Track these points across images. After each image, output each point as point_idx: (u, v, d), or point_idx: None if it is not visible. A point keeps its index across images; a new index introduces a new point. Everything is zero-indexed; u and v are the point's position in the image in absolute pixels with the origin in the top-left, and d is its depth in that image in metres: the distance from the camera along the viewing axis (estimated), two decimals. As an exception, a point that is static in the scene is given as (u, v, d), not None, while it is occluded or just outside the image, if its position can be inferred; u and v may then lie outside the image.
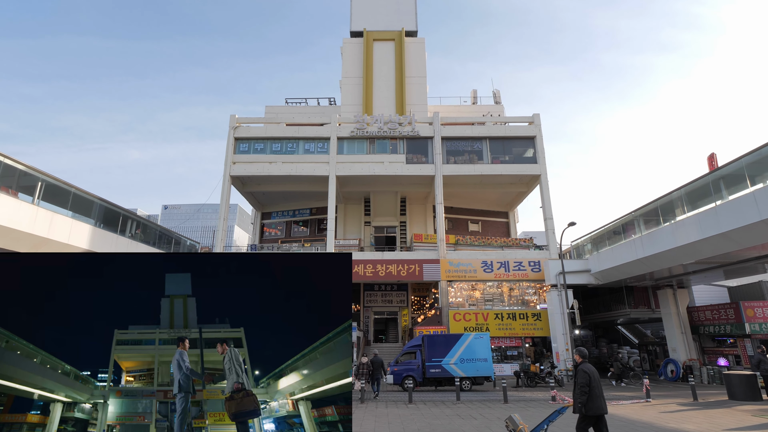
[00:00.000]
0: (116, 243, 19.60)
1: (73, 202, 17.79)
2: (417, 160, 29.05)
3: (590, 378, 6.03)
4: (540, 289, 27.00)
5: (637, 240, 20.64)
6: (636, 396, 15.09)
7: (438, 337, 20.25)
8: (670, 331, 24.59)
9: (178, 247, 26.29)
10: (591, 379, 6.04)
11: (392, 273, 26.56)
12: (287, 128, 29.69)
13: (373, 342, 31.45)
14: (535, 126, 29.57)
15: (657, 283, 25.48)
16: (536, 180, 29.16)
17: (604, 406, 5.99)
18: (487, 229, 34.73)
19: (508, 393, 16.54)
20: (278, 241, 34.20)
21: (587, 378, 6.02)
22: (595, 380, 6.08)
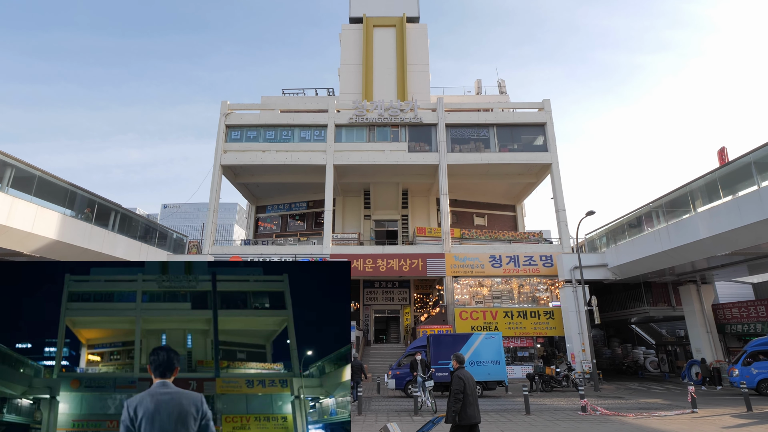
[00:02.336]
0: (90, 234, 17.82)
1: (39, 187, 16.02)
2: (420, 149, 27.25)
3: (465, 385, 5.75)
4: (552, 286, 25.20)
5: (662, 230, 18.84)
6: (677, 405, 13.30)
7: (445, 337, 18.46)
8: (693, 330, 22.77)
9: (164, 241, 24.52)
10: (466, 386, 5.75)
11: (393, 268, 24.76)
12: (282, 115, 27.90)
13: (373, 342, 29.65)
14: (545, 112, 27.76)
15: (679, 278, 23.69)
16: (546, 169, 27.35)
17: (477, 415, 5.75)
18: (493, 224, 32.92)
19: (522, 400, 14.73)
20: (273, 235, 32.41)
21: (462, 385, 5.72)
22: (470, 387, 5.81)
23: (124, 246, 19.81)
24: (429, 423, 5.98)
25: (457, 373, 5.95)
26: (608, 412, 11.13)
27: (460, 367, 6.07)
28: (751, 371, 16.51)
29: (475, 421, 5.69)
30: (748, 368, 16.67)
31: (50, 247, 16.30)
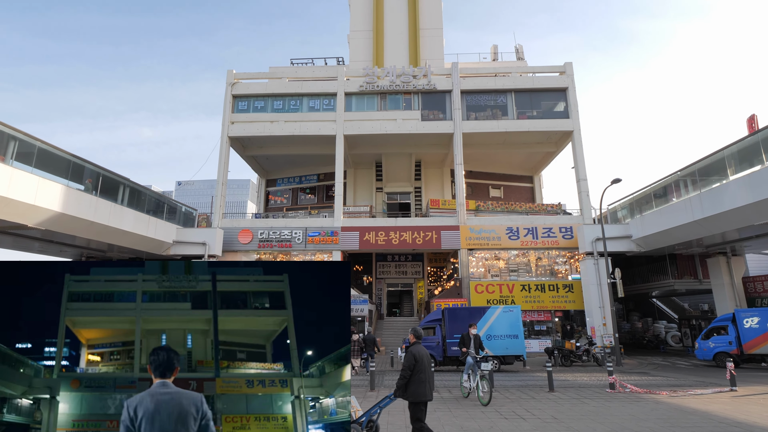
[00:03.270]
0: (96, 207, 17.37)
1: (39, 159, 15.49)
2: (434, 117, 26.06)
3: (417, 361, 5.60)
4: (571, 258, 24.28)
5: (693, 199, 17.65)
6: (710, 382, 12.56)
7: (461, 311, 17.84)
8: (721, 304, 21.77)
9: (174, 215, 24.10)
10: (418, 363, 5.60)
11: (407, 241, 24.06)
12: (290, 84, 26.82)
13: (386, 316, 29.32)
14: (567, 76, 26.18)
15: (707, 250, 22.55)
16: (567, 137, 26.00)
17: (429, 393, 5.61)
18: (509, 195, 31.79)
19: (542, 375, 14.12)
20: (284, 209, 31.87)
21: (413, 361, 5.60)
22: (423, 364, 5.63)
23: (131, 219, 19.39)
24: (387, 398, 6.08)
25: (411, 348, 5.78)
26: (639, 390, 10.42)
27: (416, 343, 5.91)
28: (709, 345, 18.07)
29: (424, 398, 5.55)
30: (706, 342, 18.21)
31: (55, 220, 15.89)
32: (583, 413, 8.12)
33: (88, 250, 23.10)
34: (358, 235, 24.20)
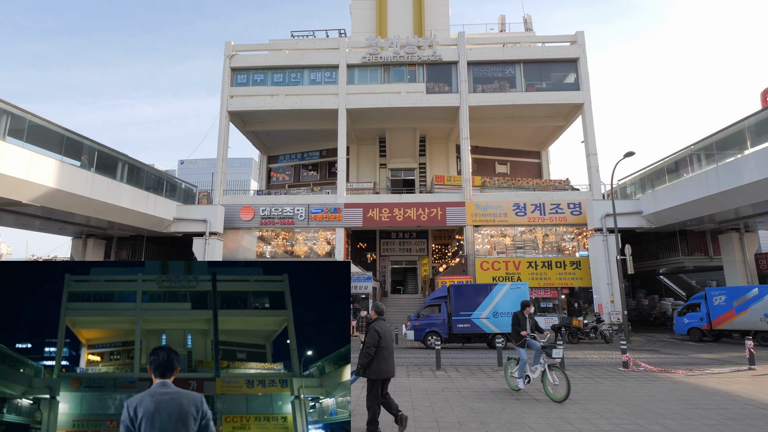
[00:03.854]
0: (92, 183, 16.93)
1: (31, 132, 14.98)
2: (439, 90, 25.19)
3: (380, 338, 5.43)
4: (579, 235, 23.79)
5: (709, 172, 17.01)
6: (726, 360, 12.23)
7: (467, 288, 17.51)
8: (733, 281, 21.36)
9: (173, 192, 23.67)
10: (381, 339, 5.43)
11: (411, 218, 23.60)
12: (290, 57, 25.90)
13: (390, 293, 29.14)
14: (578, 46, 25.12)
15: (720, 226, 21.99)
16: (577, 110, 25.15)
17: (392, 369, 5.49)
18: (516, 171, 31.09)
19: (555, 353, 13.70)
20: (286, 186, 31.37)
21: (376, 338, 5.39)
22: (386, 341, 5.49)
23: (130, 196, 18.97)
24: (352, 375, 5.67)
25: (373, 324, 5.58)
26: (653, 368, 10.08)
27: (378, 319, 5.73)
28: (684, 321, 19.48)
29: (388, 375, 5.43)
30: (682, 318, 19.61)
31: (50, 196, 15.49)
32: (599, 394, 7.78)
33: (89, 228, 22.81)
34: (362, 212, 23.74)
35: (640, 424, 5.81)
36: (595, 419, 6.09)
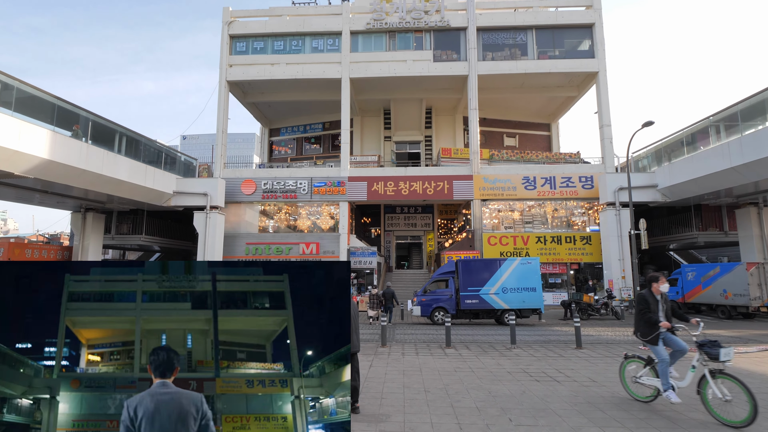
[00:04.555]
0: (87, 154, 16.30)
1: (20, 101, 14.29)
2: (447, 58, 24.09)
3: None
4: (590, 210, 23.13)
5: (732, 143, 16.17)
6: (746, 338, 11.75)
7: (475, 263, 17.01)
8: (749, 257, 20.71)
9: (173, 165, 23.04)
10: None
11: (417, 191, 22.95)
12: (291, 21, 24.73)
13: (395, 269, 28.80)
14: (594, 11, 23.81)
15: (737, 200, 21.21)
16: (591, 79, 24.07)
17: (357, 344, 5.41)
18: (525, 144, 30.19)
19: (560, 329, 13.49)
20: (288, 159, 30.65)
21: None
22: (351, 315, 5.23)
23: (127, 168, 18.37)
24: None
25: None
26: (675, 347, 9.58)
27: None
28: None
29: (354, 350, 5.31)
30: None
31: (43, 168, 14.91)
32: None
33: (87, 201, 22.32)
34: (366, 186, 23.10)
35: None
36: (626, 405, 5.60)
